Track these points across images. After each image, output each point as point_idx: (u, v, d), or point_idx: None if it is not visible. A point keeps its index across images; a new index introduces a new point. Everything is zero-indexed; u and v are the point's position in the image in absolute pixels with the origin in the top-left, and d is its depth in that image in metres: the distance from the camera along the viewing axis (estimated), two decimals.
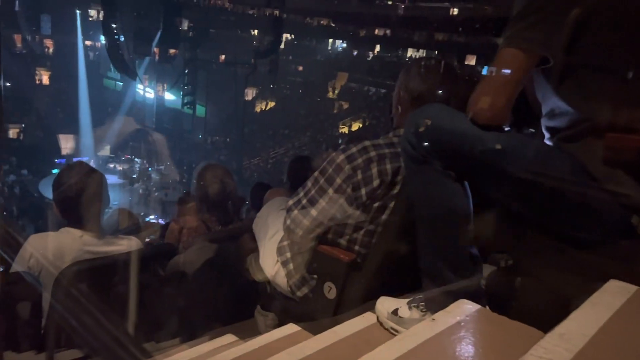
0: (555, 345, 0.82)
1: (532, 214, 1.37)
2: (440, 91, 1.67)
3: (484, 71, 1.36)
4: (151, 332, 2.27)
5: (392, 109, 1.81)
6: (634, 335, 0.90)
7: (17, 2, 23.12)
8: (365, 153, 1.65)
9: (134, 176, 20.11)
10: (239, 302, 2.29)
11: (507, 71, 1.27)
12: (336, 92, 26.86)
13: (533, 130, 1.58)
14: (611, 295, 1.02)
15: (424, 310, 1.39)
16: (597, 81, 1.26)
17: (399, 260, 1.66)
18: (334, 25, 27.40)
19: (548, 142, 1.39)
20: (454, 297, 1.35)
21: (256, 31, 25.89)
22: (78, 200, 2.13)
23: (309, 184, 1.75)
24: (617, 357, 0.84)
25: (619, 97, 1.24)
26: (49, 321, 2.01)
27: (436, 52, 23.55)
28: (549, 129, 1.38)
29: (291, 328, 1.62)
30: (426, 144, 1.37)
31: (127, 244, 2.25)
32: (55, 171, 17.90)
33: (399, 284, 1.59)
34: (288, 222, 1.75)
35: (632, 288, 1.06)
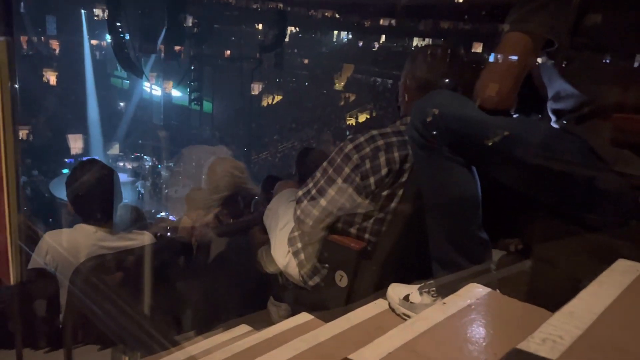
0: (564, 322, 0.84)
1: (540, 197, 1.38)
2: (447, 78, 1.67)
3: (491, 57, 1.36)
4: (167, 325, 2.30)
5: (398, 97, 1.82)
6: None
7: (22, 4, 23.22)
8: (373, 142, 1.66)
9: (143, 175, 20.21)
10: (252, 293, 2.32)
11: (513, 55, 1.28)
12: (342, 84, 26.80)
13: (540, 114, 1.58)
14: (619, 274, 1.03)
15: (435, 295, 1.41)
16: (602, 62, 1.27)
17: (409, 247, 1.67)
18: (338, 16, 27.28)
19: (555, 125, 1.40)
20: (464, 281, 1.36)
21: (260, 25, 25.86)
22: (91, 197, 2.18)
23: (318, 174, 1.76)
24: (626, 333, 0.84)
25: (625, 78, 1.24)
26: (66, 317, 2.05)
27: (442, 40, 23.39)
28: (555, 112, 1.39)
29: (304, 317, 1.64)
30: (433, 131, 1.38)
31: (141, 239, 2.28)
32: (65, 171, 18.06)
33: (410, 271, 1.60)
34: (298, 212, 1.77)
35: None
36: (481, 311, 1.19)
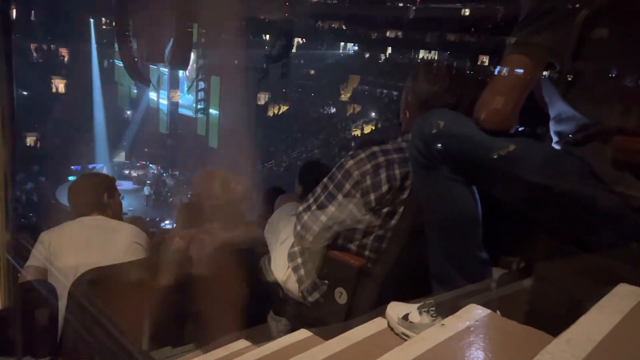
0: (562, 350, 0.82)
1: (541, 217, 1.37)
2: (448, 95, 1.67)
3: (495, 71, 1.36)
4: (166, 337, 2.29)
5: (400, 113, 1.82)
6: None
7: (33, 12, 23.50)
8: (374, 159, 1.66)
9: (148, 182, 20.30)
10: (252, 307, 2.30)
11: (514, 77, 1.28)
12: (348, 95, 26.90)
13: (542, 132, 1.57)
14: (620, 299, 1.02)
15: (435, 315, 1.39)
16: (603, 85, 1.26)
17: (409, 265, 1.66)
18: (345, 28, 27.45)
19: (556, 146, 1.39)
20: (464, 301, 1.35)
21: (268, 36, 26.02)
22: (84, 193, 2.38)
23: (319, 190, 1.76)
24: None
25: (626, 101, 1.23)
26: (65, 328, 2.05)
27: (448, 52, 23.53)
28: (556, 133, 1.38)
29: (303, 333, 1.62)
30: (434, 149, 1.38)
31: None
32: (72, 178, 18.18)
33: (410, 289, 1.59)
34: (298, 228, 1.76)
35: None
36: (480, 334, 1.17)
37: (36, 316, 2.14)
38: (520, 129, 1.42)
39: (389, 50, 27.55)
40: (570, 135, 1.32)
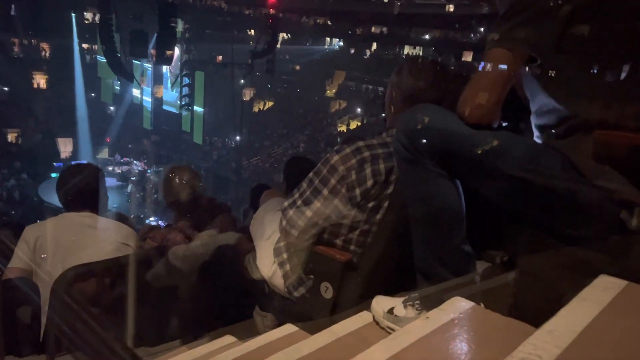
0: (544, 341, 0.83)
1: (523, 210, 1.38)
2: (433, 90, 1.67)
3: (480, 67, 1.36)
4: (151, 334, 2.28)
5: (385, 109, 1.82)
6: (622, 330, 0.91)
7: (13, 6, 23.09)
8: (359, 153, 1.66)
9: (133, 178, 20.14)
10: (238, 303, 2.30)
11: (495, 71, 1.28)
12: (334, 90, 26.90)
13: (524, 126, 1.59)
14: (601, 291, 1.03)
15: (419, 308, 1.40)
16: (584, 78, 1.27)
17: (394, 259, 1.67)
18: (330, 23, 27.42)
19: (537, 140, 1.40)
20: (449, 294, 1.36)
21: (252, 31, 25.90)
22: (74, 187, 2.30)
23: (304, 185, 1.76)
24: (606, 352, 0.85)
25: (605, 94, 1.25)
26: (48, 325, 2.03)
27: (433, 48, 23.66)
28: (538, 126, 1.39)
29: (289, 328, 1.63)
30: (418, 144, 1.38)
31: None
32: (54, 175, 17.96)
33: (395, 283, 1.60)
34: (284, 223, 1.76)
35: (622, 283, 1.07)
36: (464, 326, 1.18)
37: (19, 315, 2.12)
38: (506, 120, 1.43)
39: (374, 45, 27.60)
40: (551, 129, 1.34)
